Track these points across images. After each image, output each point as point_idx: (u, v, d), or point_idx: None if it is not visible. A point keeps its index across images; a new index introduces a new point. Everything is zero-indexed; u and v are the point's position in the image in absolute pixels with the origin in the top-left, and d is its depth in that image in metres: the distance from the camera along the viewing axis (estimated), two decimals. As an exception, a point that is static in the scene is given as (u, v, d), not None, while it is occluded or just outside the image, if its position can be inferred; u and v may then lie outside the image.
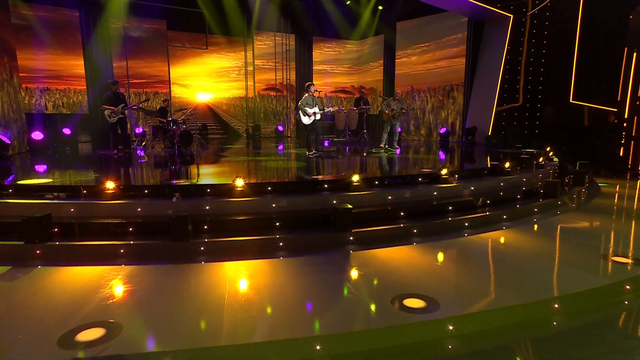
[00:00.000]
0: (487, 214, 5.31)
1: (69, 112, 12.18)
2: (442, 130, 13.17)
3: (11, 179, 5.70)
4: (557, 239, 4.81)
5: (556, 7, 11.60)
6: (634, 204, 6.88)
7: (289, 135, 16.07)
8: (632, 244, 4.57)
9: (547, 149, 9.47)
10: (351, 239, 4.45)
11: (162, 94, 13.93)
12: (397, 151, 10.13)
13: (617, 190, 8.06)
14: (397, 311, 2.93)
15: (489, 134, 11.95)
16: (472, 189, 5.86)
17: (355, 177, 5.16)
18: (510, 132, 11.78)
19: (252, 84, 15.66)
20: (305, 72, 16.34)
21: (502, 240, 4.69)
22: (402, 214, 4.97)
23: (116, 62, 13.03)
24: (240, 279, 3.52)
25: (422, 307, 2.98)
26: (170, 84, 14.08)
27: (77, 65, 12.30)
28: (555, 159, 8.93)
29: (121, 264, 3.82)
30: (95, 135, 11.99)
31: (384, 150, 9.86)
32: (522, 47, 12.06)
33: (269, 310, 2.94)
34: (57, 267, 3.74)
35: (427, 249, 4.34)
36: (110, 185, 4.52)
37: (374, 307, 3.00)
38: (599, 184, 8.19)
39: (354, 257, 4.14)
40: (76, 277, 3.56)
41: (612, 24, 10.59)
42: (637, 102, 10.26)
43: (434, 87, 13.54)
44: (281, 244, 4.25)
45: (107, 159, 8.43)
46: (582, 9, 11.09)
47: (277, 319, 2.84)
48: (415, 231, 4.75)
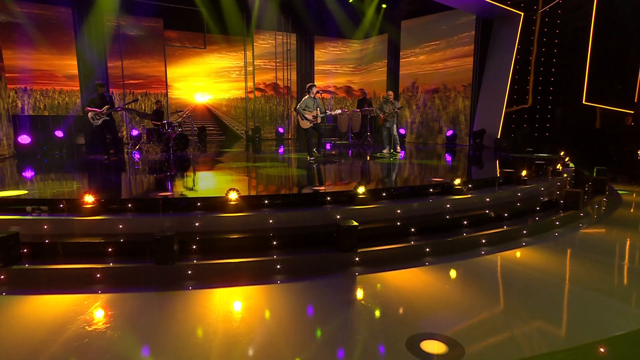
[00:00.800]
0: (506, 228, 4.84)
1: (62, 114, 11.72)
2: (449, 132, 12.69)
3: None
4: (587, 260, 4.33)
5: (569, 5, 11.11)
6: (660, 215, 6.40)
7: (290, 137, 15.61)
8: (670, 266, 4.10)
9: (562, 153, 8.99)
10: (357, 259, 3.98)
11: (156, 95, 13.48)
12: (401, 154, 9.68)
13: None
14: (413, 358, 2.46)
15: (498, 137, 11.46)
16: (487, 200, 5.39)
17: (360, 189, 4.69)
18: (520, 135, 11.29)
19: (252, 84, 15.21)
20: (306, 73, 15.88)
21: (525, 260, 4.21)
22: (412, 230, 4.50)
23: (111, 62, 12.59)
24: (231, 310, 3.07)
25: (444, 352, 2.52)
26: (167, 85, 13.64)
27: (70, 65, 11.86)
28: (571, 165, 8.44)
29: (97, 291, 3.37)
30: (88, 138, 11.55)
31: (388, 155, 9.40)
32: (532, 46, 11.58)
33: (261, 352, 2.48)
34: (23, 296, 3.28)
35: (442, 272, 3.88)
36: (88, 199, 4.06)
37: (385, 352, 2.53)
38: (619, 192, 7.70)
39: (360, 281, 3.67)
40: (44, 307, 3.11)
41: (628, 21, 10.10)
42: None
43: (440, 87, 13.05)
44: (279, 267, 3.79)
45: (95, 165, 7.98)
46: (596, 5, 10.60)
47: (272, 369, 2.38)
48: (427, 250, 4.28)
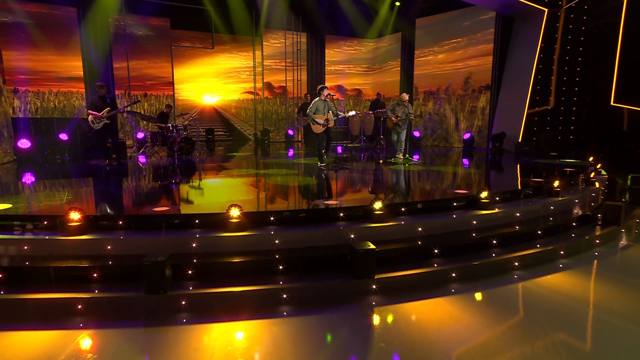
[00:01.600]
0: (540, 249, 4.31)
1: (67, 116, 11.43)
2: (466, 135, 12.10)
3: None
4: (638, 288, 3.78)
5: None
6: None
7: (300, 139, 15.16)
8: None
9: (590, 159, 8.38)
10: (374, 287, 3.50)
11: (158, 97, 13.15)
12: (415, 158, 9.18)
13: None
14: None
15: (519, 140, 10.84)
16: (517, 215, 4.85)
17: (377, 205, 4.20)
18: (543, 138, 10.66)
19: (262, 85, 14.79)
20: (317, 73, 15.41)
21: (565, 288, 3.68)
22: (435, 250, 4.00)
23: (117, 63, 12.28)
24: (231, 349, 2.61)
25: None
26: (174, 86, 13.30)
27: (75, 66, 11.57)
28: (603, 173, 7.82)
29: (78, 325, 2.96)
30: (87, 142, 11.17)
31: (402, 160, 8.88)
32: (555, 44, 10.93)
33: None
34: (-7, 333, 2.88)
35: (470, 304, 3.37)
36: (74, 216, 3.65)
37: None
38: (657, 202, 7.07)
39: (378, 314, 3.20)
40: (13, 348, 2.69)
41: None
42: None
43: (457, 88, 12.47)
44: (285, 296, 3.33)
45: (93, 172, 7.62)
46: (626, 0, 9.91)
47: None
48: (453, 275, 3.78)
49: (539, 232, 4.61)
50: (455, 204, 4.81)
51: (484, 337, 2.87)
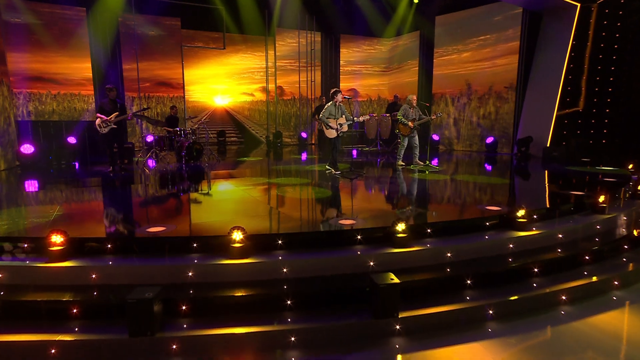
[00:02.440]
0: (591, 278, 3.72)
1: (74, 119, 11.17)
2: (489, 139, 11.42)
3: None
4: None
5: (633, -7, 9.66)
6: None
7: (313, 142, 14.67)
8: None
9: (630, 166, 7.67)
10: (398, 328, 2.98)
11: (171, 99, 12.83)
12: (433, 162, 8.63)
13: None
14: None
15: (548, 145, 10.13)
16: (559, 237, 4.26)
17: (399, 226, 3.67)
18: (574, 143, 9.92)
19: (274, 86, 14.36)
20: (331, 74, 14.90)
21: (629, 330, 3.09)
22: (468, 281, 3.45)
23: (127, 64, 11.99)
24: None
25: None
26: (184, 87, 12.96)
27: (84, 68, 11.30)
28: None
29: (51, 375, 2.51)
30: (93, 145, 10.88)
31: (423, 165, 8.32)
32: (587, 41, 10.18)
33: None
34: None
35: (511, 351, 2.82)
36: (56, 238, 3.22)
37: None
38: None
39: (404, 367, 2.67)
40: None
41: None
42: None
43: (479, 89, 11.80)
44: (293, 339, 2.83)
45: (94, 180, 7.27)
46: (668, -6, 9.13)
47: None
48: (490, 312, 3.23)
49: (586, 257, 4.01)
50: (487, 224, 4.24)
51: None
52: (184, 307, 2.96)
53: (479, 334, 3.05)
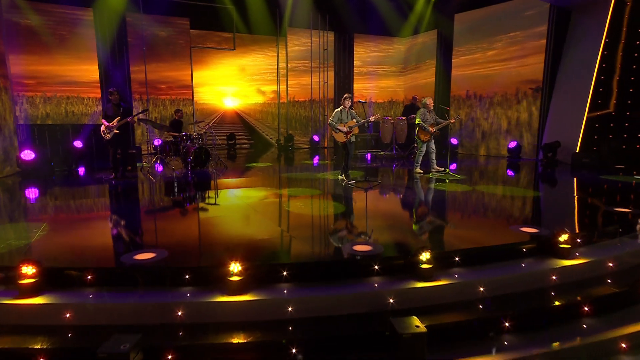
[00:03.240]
0: (651, 320, 3.14)
1: (80, 123, 10.89)
2: (512, 144, 10.76)
3: None
4: None
5: (673, -14, 8.91)
6: None
7: (325, 145, 14.18)
8: None
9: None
10: (424, 386, 2.47)
11: (179, 102, 12.48)
12: (452, 167, 8.09)
13: None
14: None
15: (577, 150, 9.44)
16: (609, 265, 3.68)
17: (423, 255, 3.16)
18: (606, 148, 9.21)
19: (285, 88, 13.92)
20: (345, 74, 14.38)
21: None
22: (506, 323, 2.92)
23: (135, 66, 11.67)
24: None
25: None
26: (192, 89, 12.60)
27: (90, 70, 11.01)
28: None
29: None
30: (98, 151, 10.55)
31: (443, 173, 7.77)
32: (621, 39, 9.44)
33: None
34: None
35: None
36: (27, 270, 2.81)
37: None
38: None
39: None
40: None
41: None
42: None
43: (501, 90, 11.13)
44: (298, 400, 2.35)
45: (92, 189, 6.91)
46: None
47: None
48: (535, 364, 2.69)
49: (643, 291, 3.43)
50: (524, 249, 3.69)
51: None
52: (170, 357, 2.50)
53: (522, 394, 2.53)
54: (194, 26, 12.33)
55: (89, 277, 2.98)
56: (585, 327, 3.06)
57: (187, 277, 3.04)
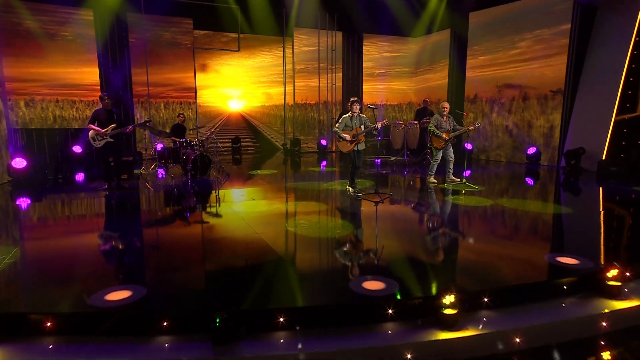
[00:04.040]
0: None
1: (80, 127, 10.52)
2: (531, 150, 10.13)
3: None
4: None
5: None
6: None
7: (334, 150, 13.66)
8: None
9: None
10: None
11: (182, 105, 12.07)
12: (466, 174, 7.54)
13: None
14: None
15: (603, 157, 8.79)
16: (667, 307, 3.11)
17: (447, 299, 2.63)
18: (636, 155, 8.54)
19: (292, 90, 13.43)
20: (354, 76, 13.84)
21: None
22: (550, 388, 2.38)
23: (136, 68, 11.27)
24: None
25: None
26: (196, 92, 12.18)
27: (91, 72, 10.64)
28: None
29: None
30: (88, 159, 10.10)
31: (459, 182, 7.23)
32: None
33: None
34: None
35: None
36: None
37: None
38: None
39: None
40: None
41: None
42: None
43: (520, 92, 10.51)
44: None
45: (83, 202, 6.47)
46: None
47: None
48: None
49: None
50: (565, 287, 3.14)
51: None
52: None
53: None
54: (197, 27, 11.91)
55: (48, 324, 2.51)
56: (645, 389, 2.51)
57: (165, 324, 2.55)
